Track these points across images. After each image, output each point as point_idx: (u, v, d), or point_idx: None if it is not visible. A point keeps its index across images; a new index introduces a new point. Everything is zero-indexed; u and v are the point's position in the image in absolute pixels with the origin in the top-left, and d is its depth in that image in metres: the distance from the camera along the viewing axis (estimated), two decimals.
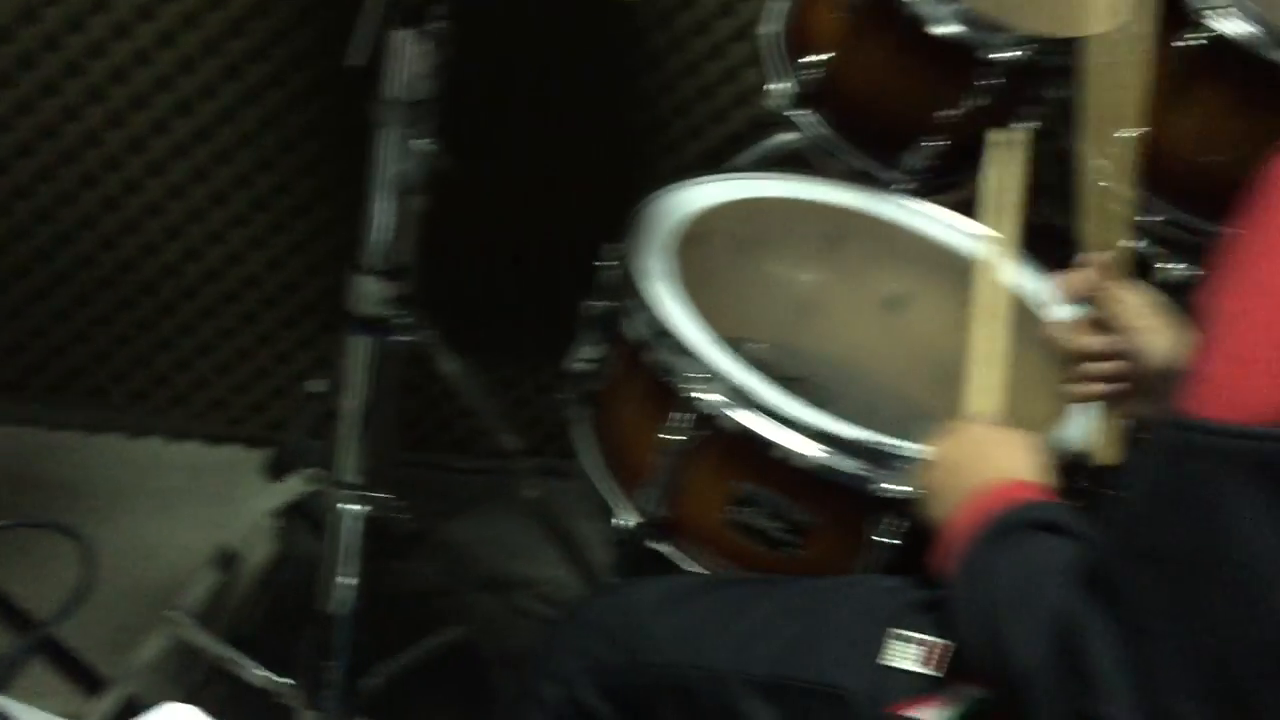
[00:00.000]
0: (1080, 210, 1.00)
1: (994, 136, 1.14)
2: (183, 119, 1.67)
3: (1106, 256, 0.98)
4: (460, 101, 1.37)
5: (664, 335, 1.04)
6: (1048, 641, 0.64)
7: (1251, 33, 1.29)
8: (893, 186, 1.38)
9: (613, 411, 1.15)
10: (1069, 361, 0.98)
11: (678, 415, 1.02)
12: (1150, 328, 0.94)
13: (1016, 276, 1.06)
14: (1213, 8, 1.30)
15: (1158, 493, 0.61)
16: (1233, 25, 1.30)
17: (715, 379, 1.00)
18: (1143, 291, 0.97)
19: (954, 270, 1.26)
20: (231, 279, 1.79)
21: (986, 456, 0.85)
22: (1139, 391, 0.94)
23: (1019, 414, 0.96)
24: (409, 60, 0.99)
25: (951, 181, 1.45)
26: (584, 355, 1.19)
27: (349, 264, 1.34)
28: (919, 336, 1.31)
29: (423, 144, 1.14)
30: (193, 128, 1.68)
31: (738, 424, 1.00)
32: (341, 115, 1.68)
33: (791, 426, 0.98)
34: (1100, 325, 0.97)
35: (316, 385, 1.68)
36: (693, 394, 1.01)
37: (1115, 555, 0.63)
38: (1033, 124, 1.44)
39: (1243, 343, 0.59)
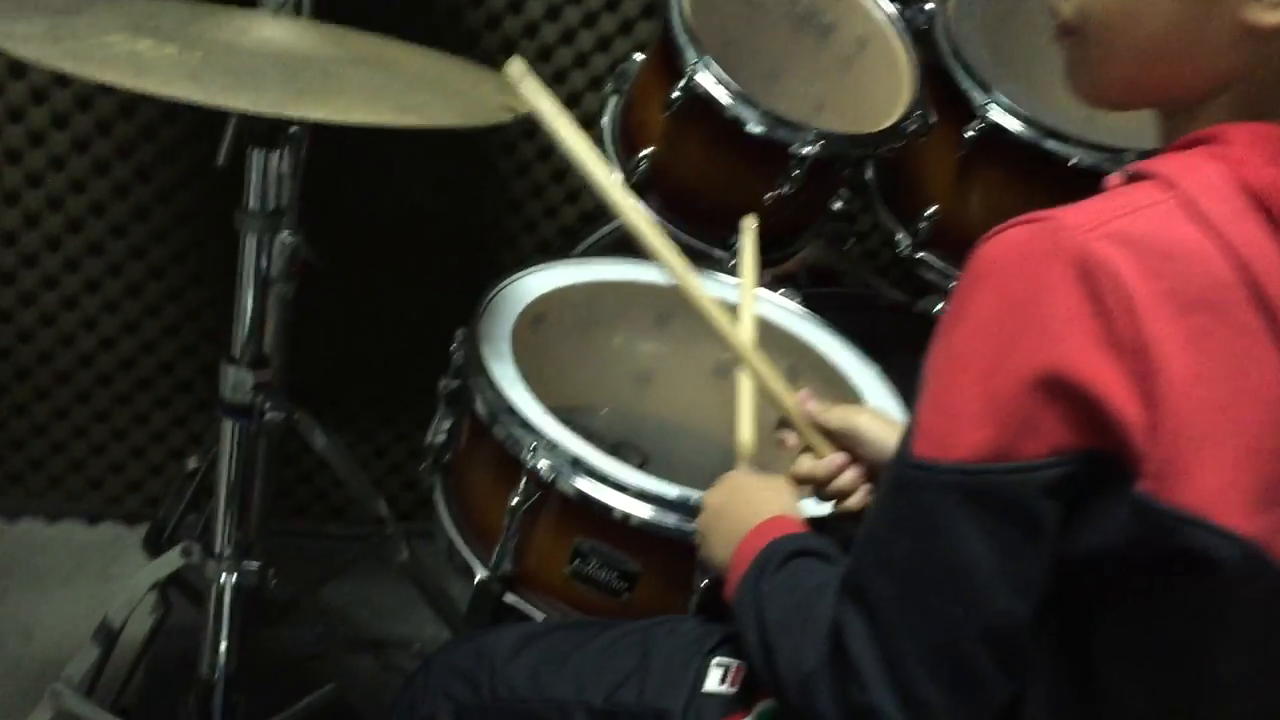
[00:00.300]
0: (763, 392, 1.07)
1: (745, 222, 1.30)
2: (54, 214, 1.76)
3: (801, 415, 1.03)
4: (322, 196, 1.50)
5: (507, 411, 1.17)
6: (823, 646, 0.77)
7: (1021, 127, 1.49)
8: (731, 265, 1.52)
9: (466, 478, 1.28)
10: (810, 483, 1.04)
11: (521, 481, 1.15)
12: (871, 437, 1.01)
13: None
14: (991, 103, 1.50)
15: (892, 517, 0.75)
16: (1007, 119, 1.50)
17: (553, 449, 1.14)
18: (854, 411, 1.04)
19: (771, 338, 1.42)
20: (105, 362, 1.87)
21: (748, 501, 0.98)
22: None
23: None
24: (267, 173, 1.10)
25: (774, 258, 1.62)
26: (440, 428, 1.31)
27: (220, 347, 1.43)
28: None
29: (286, 237, 1.25)
30: (64, 221, 1.76)
31: (574, 488, 1.13)
32: (209, 205, 1.78)
33: (620, 489, 1.12)
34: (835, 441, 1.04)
35: (192, 462, 1.76)
36: (533, 463, 1.14)
37: (863, 568, 0.76)
38: (838, 203, 1.63)
39: (947, 398, 0.73)
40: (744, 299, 1.19)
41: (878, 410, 1.16)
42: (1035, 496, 0.69)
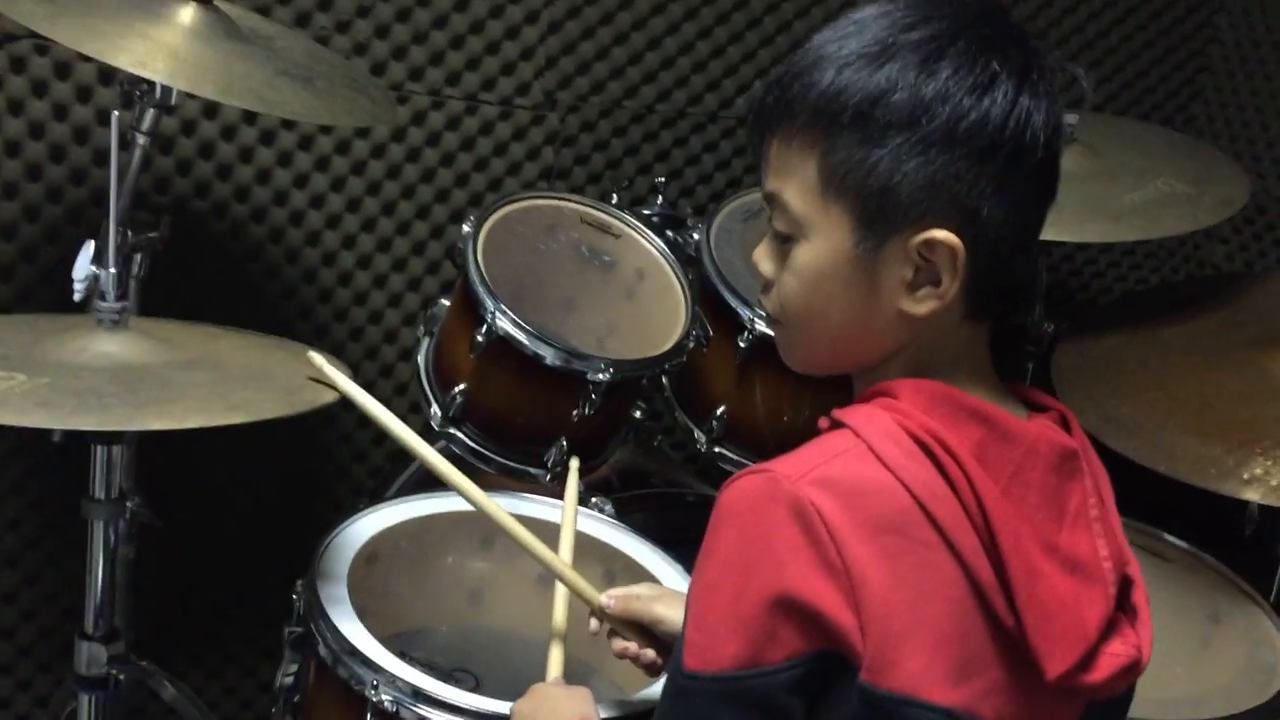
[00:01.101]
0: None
1: (572, 463, 1.49)
2: None
3: (599, 602, 1.22)
4: (155, 457, 1.60)
5: (349, 652, 1.29)
6: None
7: None
8: (548, 479, 1.67)
9: (314, 716, 1.37)
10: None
11: (368, 715, 1.26)
12: (667, 618, 1.18)
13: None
14: (754, 318, 1.72)
15: (671, 716, 0.89)
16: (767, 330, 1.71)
17: (393, 682, 1.26)
18: (651, 601, 1.21)
19: (588, 548, 1.57)
20: None
21: (553, 710, 1.12)
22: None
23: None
24: (110, 464, 1.22)
25: (587, 468, 1.79)
26: (288, 671, 1.41)
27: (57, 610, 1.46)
28: (569, 606, 1.61)
29: (133, 506, 1.35)
30: None
31: (415, 715, 1.24)
32: (57, 495, 1.85)
33: (457, 713, 1.24)
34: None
35: None
36: (376, 697, 1.25)
37: None
38: (638, 411, 1.81)
39: (707, 619, 0.87)
40: (565, 526, 1.36)
41: (675, 592, 1.31)
42: (782, 693, 0.85)
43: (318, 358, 1.14)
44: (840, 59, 0.89)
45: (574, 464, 1.53)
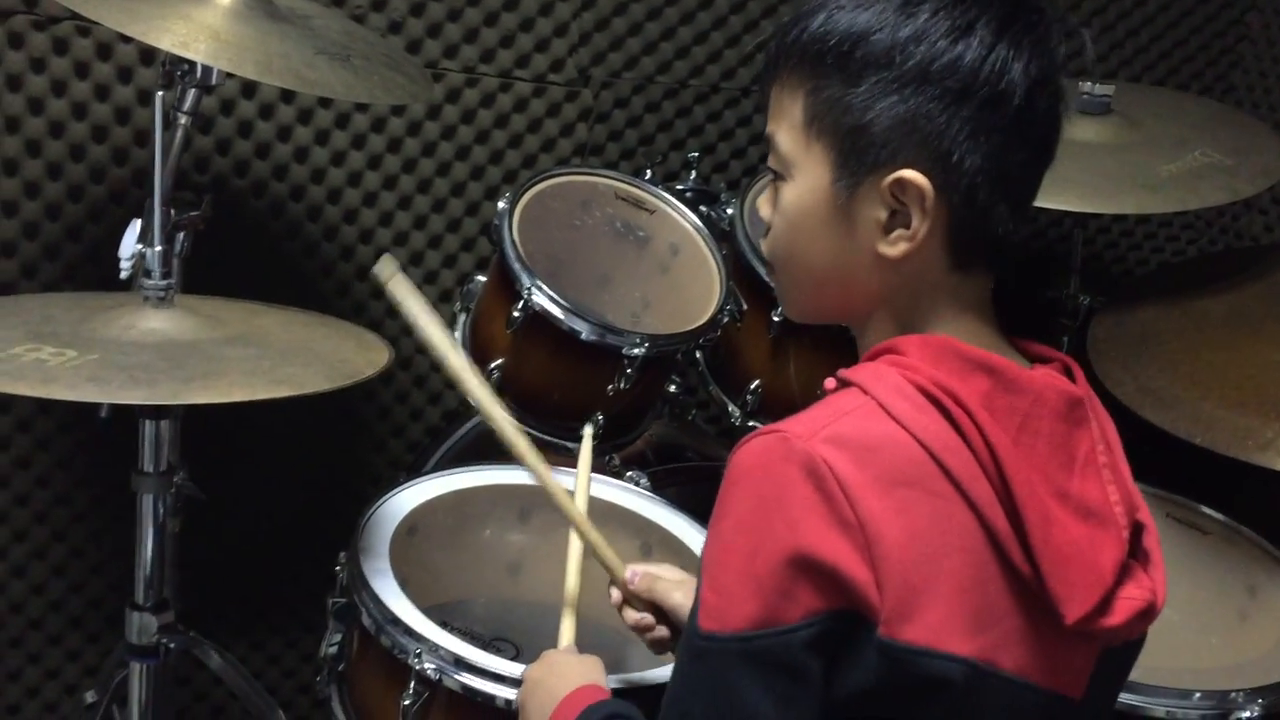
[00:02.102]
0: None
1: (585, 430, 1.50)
2: None
3: (623, 576, 1.22)
4: (199, 428, 1.63)
5: (391, 621, 1.31)
6: None
7: None
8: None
9: (359, 685, 1.40)
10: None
11: (410, 683, 1.29)
12: (670, 594, 1.20)
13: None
14: None
15: (688, 681, 0.90)
16: None
17: (435, 651, 1.28)
18: (658, 569, 1.23)
19: (623, 520, 1.59)
20: None
21: (562, 675, 1.12)
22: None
23: None
24: (158, 439, 1.24)
25: (622, 442, 1.81)
26: (332, 641, 1.44)
27: (106, 582, 1.48)
28: (603, 577, 1.63)
29: (179, 480, 1.38)
30: None
31: (457, 683, 1.27)
32: (105, 470, 1.88)
33: (499, 680, 1.26)
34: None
35: (90, 696, 1.83)
36: (419, 665, 1.27)
37: None
38: (673, 386, 1.82)
39: (721, 579, 0.88)
40: (579, 491, 1.39)
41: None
42: (799, 652, 0.86)
43: (388, 266, 1.12)
44: (833, 4, 0.93)
45: (587, 430, 1.54)
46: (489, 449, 1.87)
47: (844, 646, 0.87)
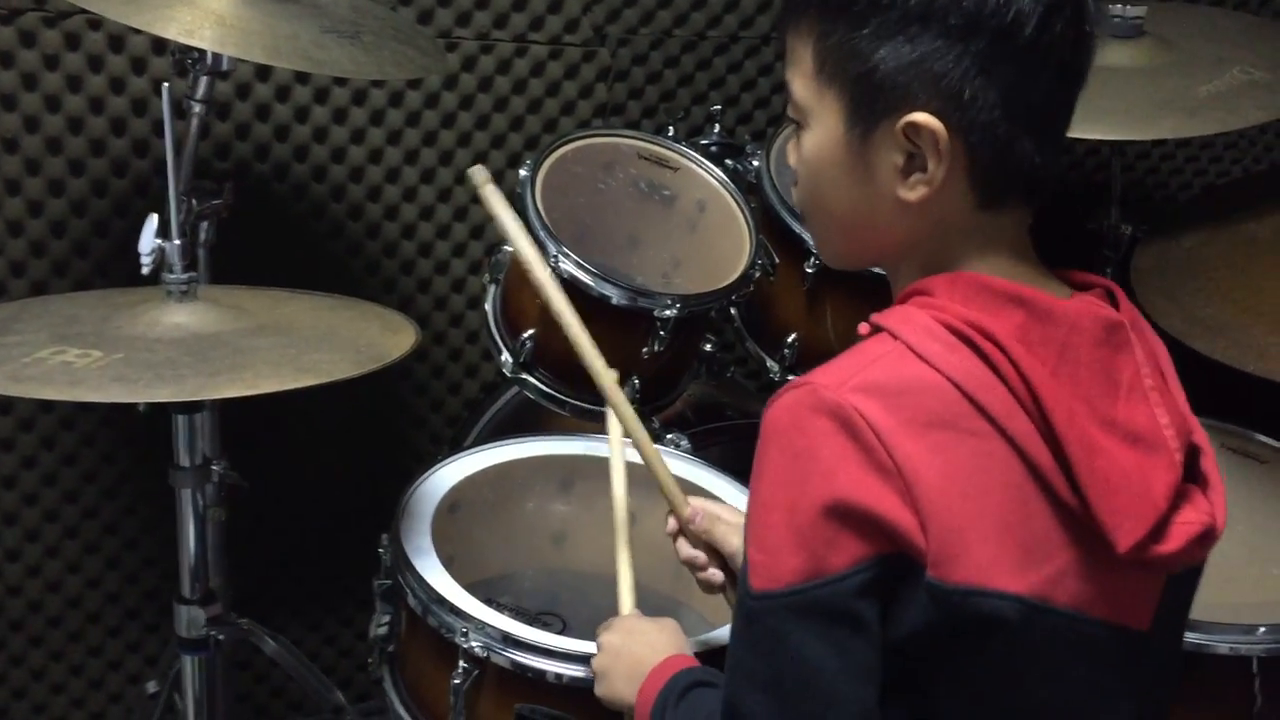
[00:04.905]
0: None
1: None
2: (8, 491, 1.88)
3: (684, 513, 1.22)
4: (246, 428, 1.63)
5: (437, 601, 1.31)
6: None
7: None
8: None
9: (410, 665, 1.40)
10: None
11: (459, 662, 1.28)
12: (729, 538, 1.19)
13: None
14: None
15: (747, 643, 0.89)
16: None
17: (482, 629, 1.28)
18: (720, 510, 1.22)
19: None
20: (52, 604, 1.96)
21: (649, 644, 1.12)
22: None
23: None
24: (193, 433, 1.24)
25: (661, 405, 1.79)
26: (381, 622, 1.44)
27: (160, 574, 1.49)
28: (654, 542, 1.61)
29: (216, 470, 1.38)
30: (20, 495, 1.89)
31: (506, 659, 1.27)
32: (150, 463, 1.87)
33: (548, 655, 1.26)
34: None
35: (152, 686, 1.85)
36: (467, 644, 1.27)
37: (735, 690, 0.90)
38: (708, 345, 1.80)
39: (766, 538, 0.87)
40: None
41: None
42: (852, 599, 0.85)
43: (481, 173, 1.14)
44: None
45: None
46: (528, 419, 1.86)
47: (897, 591, 0.86)
